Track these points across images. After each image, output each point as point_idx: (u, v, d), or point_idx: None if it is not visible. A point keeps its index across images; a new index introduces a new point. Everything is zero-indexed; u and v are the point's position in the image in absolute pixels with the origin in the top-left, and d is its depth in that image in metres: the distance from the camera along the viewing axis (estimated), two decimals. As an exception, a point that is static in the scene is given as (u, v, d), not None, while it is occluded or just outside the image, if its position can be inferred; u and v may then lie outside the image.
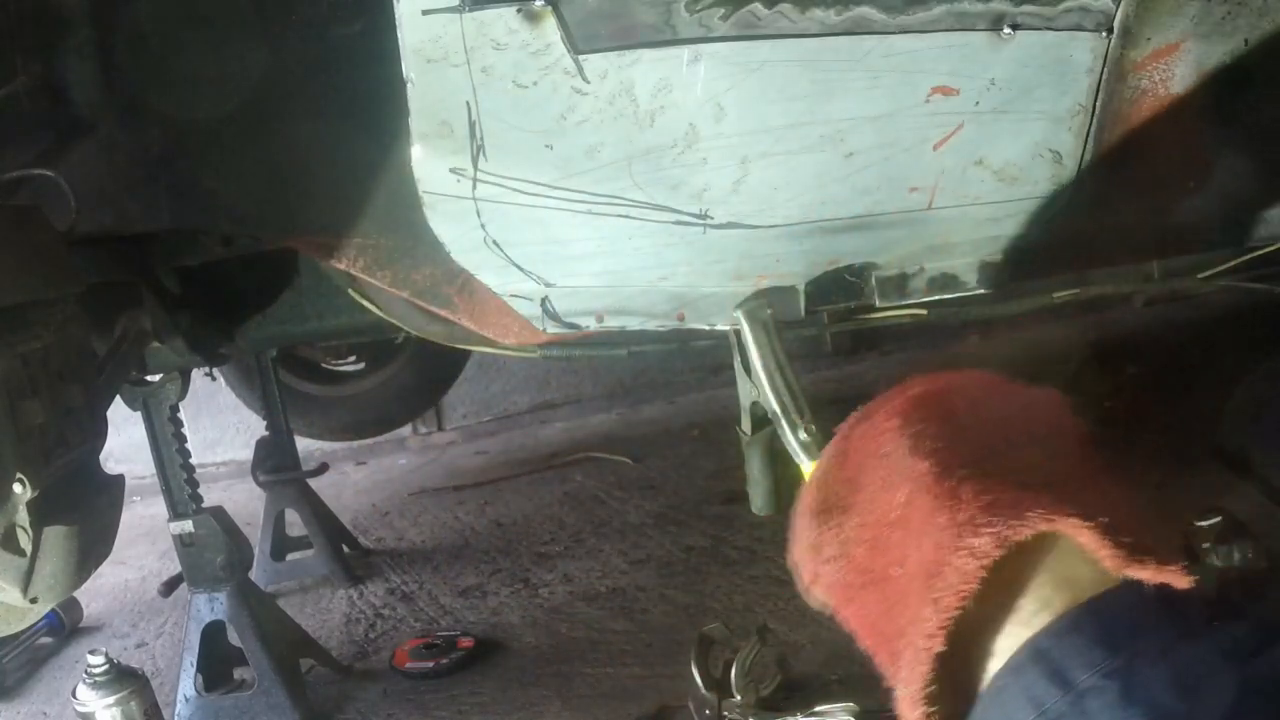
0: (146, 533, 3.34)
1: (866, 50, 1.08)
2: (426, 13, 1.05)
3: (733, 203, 1.19)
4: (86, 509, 1.26)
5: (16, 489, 1.07)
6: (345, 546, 2.91)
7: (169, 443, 2.04)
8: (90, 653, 1.79)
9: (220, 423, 4.17)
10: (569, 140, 1.14)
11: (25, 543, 1.14)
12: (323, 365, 3.32)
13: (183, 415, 2.07)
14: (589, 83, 1.09)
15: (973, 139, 1.16)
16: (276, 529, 2.80)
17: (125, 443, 2.55)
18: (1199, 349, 3.28)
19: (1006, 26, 1.08)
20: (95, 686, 1.76)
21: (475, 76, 1.09)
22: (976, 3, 1.07)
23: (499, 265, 1.28)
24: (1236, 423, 2.08)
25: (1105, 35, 1.11)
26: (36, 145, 1.33)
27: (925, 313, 1.43)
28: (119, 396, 1.80)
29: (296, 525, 2.82)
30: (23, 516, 1.12)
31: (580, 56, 1.07)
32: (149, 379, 1.99)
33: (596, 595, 2.47)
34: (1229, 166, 1.30)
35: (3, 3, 1.31)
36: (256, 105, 1.32)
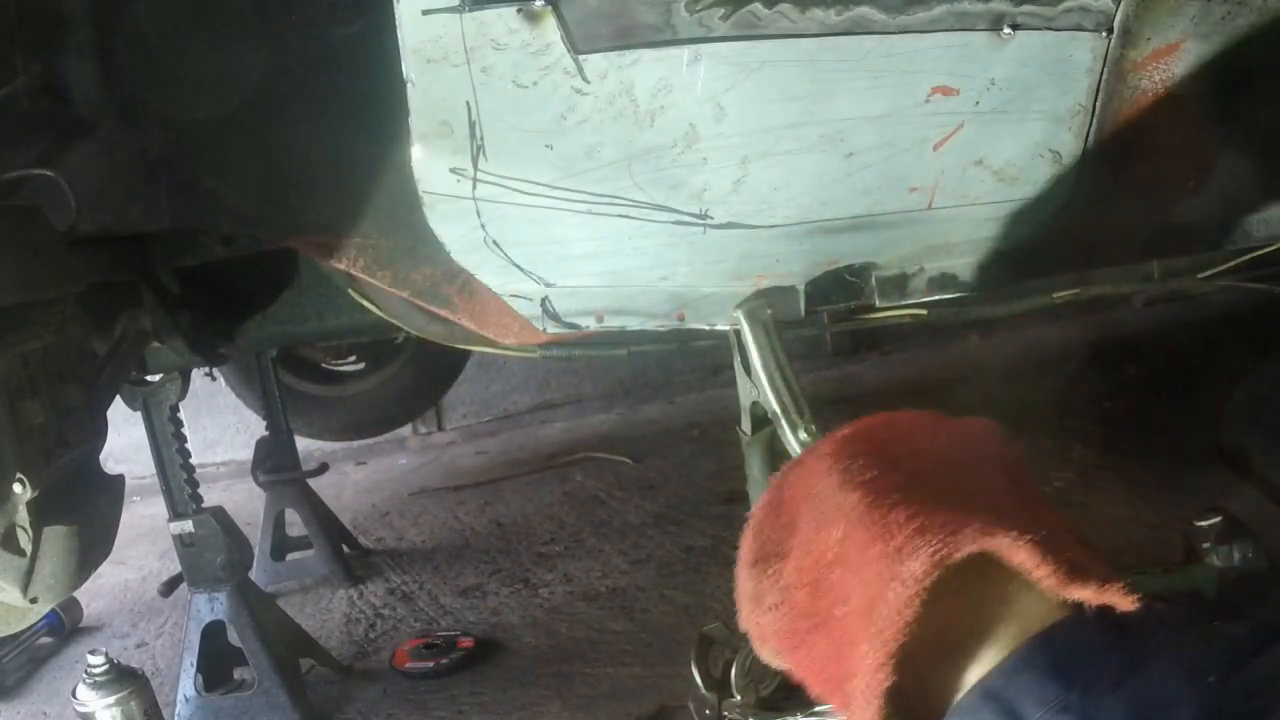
0: (146, 533, 3.34)
1: (866, 50, 1.08)
2: (426, 13, 1.05)
3: (733, 203, 1.19)
4: (86, 509, 1.26)
5: (16, 489, 1.07)
6: (345, 546, 2.90)
7: (169, 443, 2.04)
8: (90, 653, 1.79)
9: (220, 423, 4.17)
10: (569, 140, 1.14)
11: (25, 543, 1.14)
12: (323, 365, 3.31)
13: (183, 415, 2.07)
14: (589, 83, 1.09)
15: (973, 139, 1.16)
16: (276, 529, 2.80)
17: (125, 443, 2.55)
18: (1199, 349, 3.28)
19: (1006, 26, 1.08)
20: (95, 686, 1.76)
21: (475, 76, 1.09)
22: (976, 3, 1.07)
23: (499, 265, 1.28)
24: (1236, 423, 2.08)
25: (1105, 35, 1.11)
26: (36, 145, 1.33)
27: (925, 313, 1.43)
28: (119, 396, 1.80)
29: (296, 525, 2.81)
30: (23, 516, 1.12)
31: (580, 56, 1.07)
32: (149, 379, 1.99)
33: (596, 595, 2.47)
34: (1229, 166, 1.30)
35: (3, 3, 1.31)
36: (257, 105, 1.32)
